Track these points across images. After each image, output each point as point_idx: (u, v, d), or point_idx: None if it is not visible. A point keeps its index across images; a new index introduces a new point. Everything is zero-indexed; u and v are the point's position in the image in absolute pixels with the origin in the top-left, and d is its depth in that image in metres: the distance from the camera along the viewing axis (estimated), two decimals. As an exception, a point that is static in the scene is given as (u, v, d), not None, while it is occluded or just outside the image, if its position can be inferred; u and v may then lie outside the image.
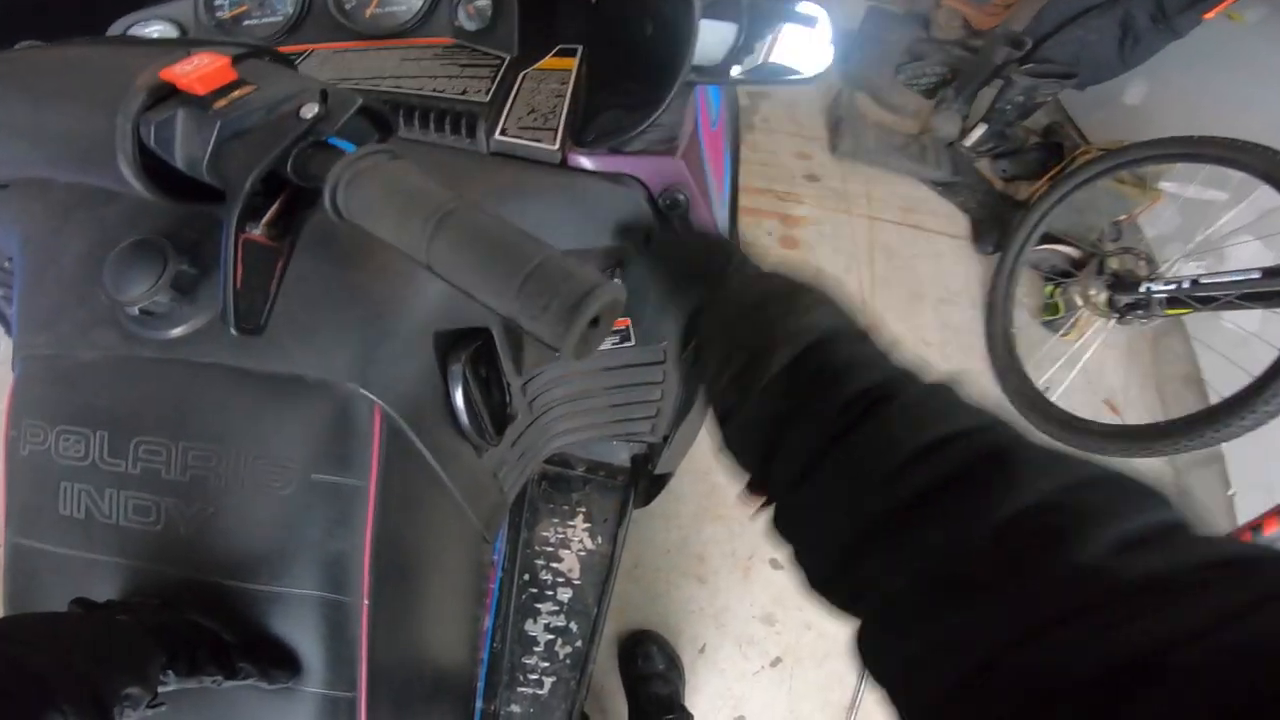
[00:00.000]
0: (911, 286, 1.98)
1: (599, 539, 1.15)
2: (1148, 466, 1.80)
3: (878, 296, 1.93)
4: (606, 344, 0.75)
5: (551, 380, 0.77)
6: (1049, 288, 1.97)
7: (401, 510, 0.56)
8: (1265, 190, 1.43)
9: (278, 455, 0.50)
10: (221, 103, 0.37)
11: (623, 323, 0.76)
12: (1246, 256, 1.65)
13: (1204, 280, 1.51)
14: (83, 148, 0.40)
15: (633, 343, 0.77)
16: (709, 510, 1.56)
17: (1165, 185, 1.87)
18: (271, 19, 0.81)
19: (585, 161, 0.65)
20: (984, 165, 2.31)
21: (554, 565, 1.16)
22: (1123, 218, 1.95)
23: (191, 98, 0.37)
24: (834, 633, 1.50)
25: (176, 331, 0.50)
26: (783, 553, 0.38)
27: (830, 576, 0.35)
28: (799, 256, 1.94)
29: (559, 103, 0.66)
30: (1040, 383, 1.77)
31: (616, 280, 0.33)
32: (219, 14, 0.80)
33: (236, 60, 0.39)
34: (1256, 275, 1.43)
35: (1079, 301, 1.80)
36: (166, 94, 0.38)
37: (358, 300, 0.53)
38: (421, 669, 0.68)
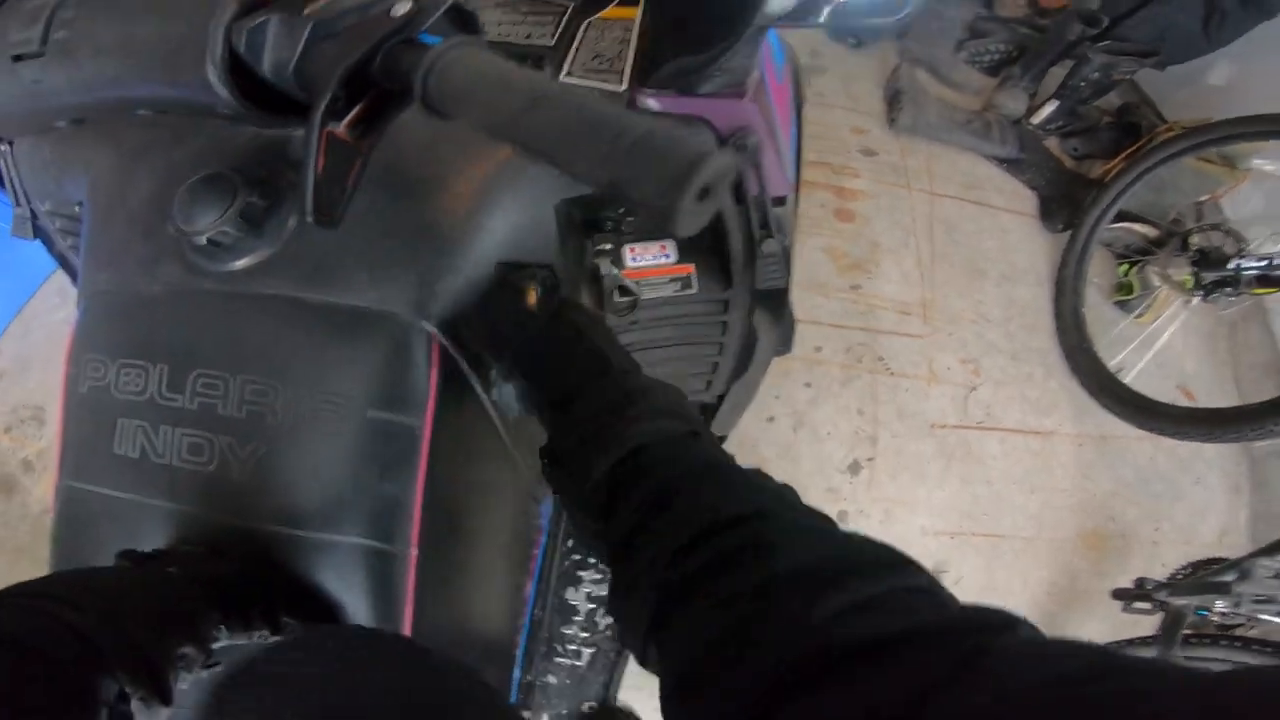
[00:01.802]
0: (974, 262, 1.95)
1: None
2: (1225, 452, 1.77)
3: (937, 270, 1.90)
4: (668, 290, 0.75)
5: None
6: (1124, 267, 1.92)
7: (455, 457, 0.57)
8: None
9: (335, 390, 0.51)
10: (314, 6, 0.39)
11: (686, 269, 0.76)
12: None
13: None
14: (172, 56, 0.42)
15: (695, 290, 0.76)
16: None
17: (1257, 162, 1.81)
18: None
19: (653, 103, 0.65)
20: (1053, 144, 2.26)
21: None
22: (1205, 197, 1.90)
23: (285, 3, 0.39)
24: None
25: (240, 264, 0.52)
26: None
27: (643, 652, 0.40)
28: (854, 229, 1.92)
29: (624, 48, 0.66)
30: (1112, 365, 1.73)
31: (729, 149, 0.33)
32: None
33: None
34: None
35: (1157, 281, 1.78)
36: (259, 2, 0.40)
37: (421, 233, 0.54)
38: (466, 629, 0.69)
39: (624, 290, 0.74)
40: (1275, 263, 1.53)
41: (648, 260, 0.75)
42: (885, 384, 1.71)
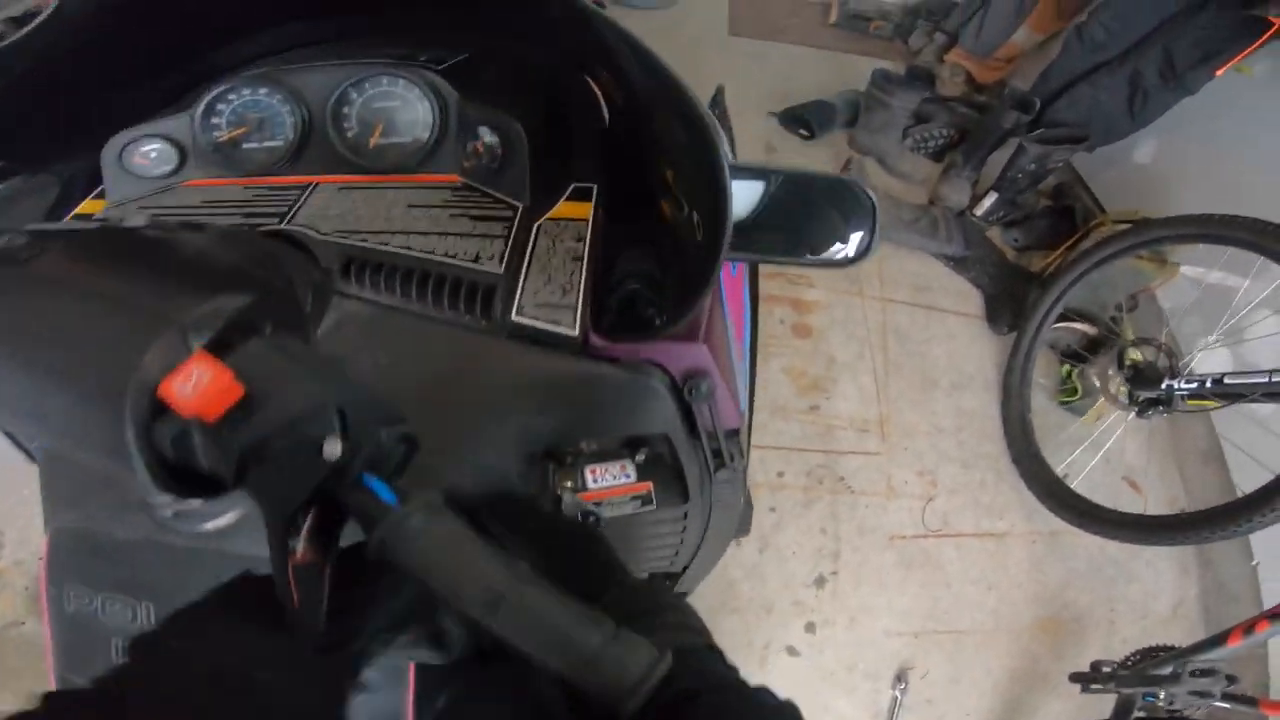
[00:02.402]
0: (925, 372, 2.05)
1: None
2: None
3: (892, 384, 2.00)
4: (629, 508, 0.77)
5: None
6: (1066, 368, 2.03)
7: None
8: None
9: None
10: (233, 430, 0.35)
11: (644, 486, 0.77)
12: (1272, 350, 1.69)
13: (1229, 380, 1.56)
14: (97, 445, 0.36)
15: (654, 506, 0.78)
16: (726, 604, 1.62)
17: (1186, 269, 1.93)
18: (272, 144, 0.82)
19: (606, 346, 0.66)
20: (995, 234, 2.38)
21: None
22: (1140, 291, 2.01)
23: (199, 423, 0.35)
24: (852, 715, 1.60)
25: (208, 526, 0.55)
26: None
27: None
28: (811, 345, 2.01)
29: (576, 267, 0.67)
30: (1060, 468, 1.82)
31: (667, 659, 0.35)
32: (217, 135, 0.81)
33: (235, 338, 0.37)
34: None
35: (1097, 386, 1.86)
36: (161, 415, 0.35)
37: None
38: None
39: (586, 513, 0.75)
40: (1207, 385, 1.60)
41: (608, 481, 0.75)
42: (846, 502, 1.79)
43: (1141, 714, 1.37)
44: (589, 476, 0.70)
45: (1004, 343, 2.09)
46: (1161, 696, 1.34)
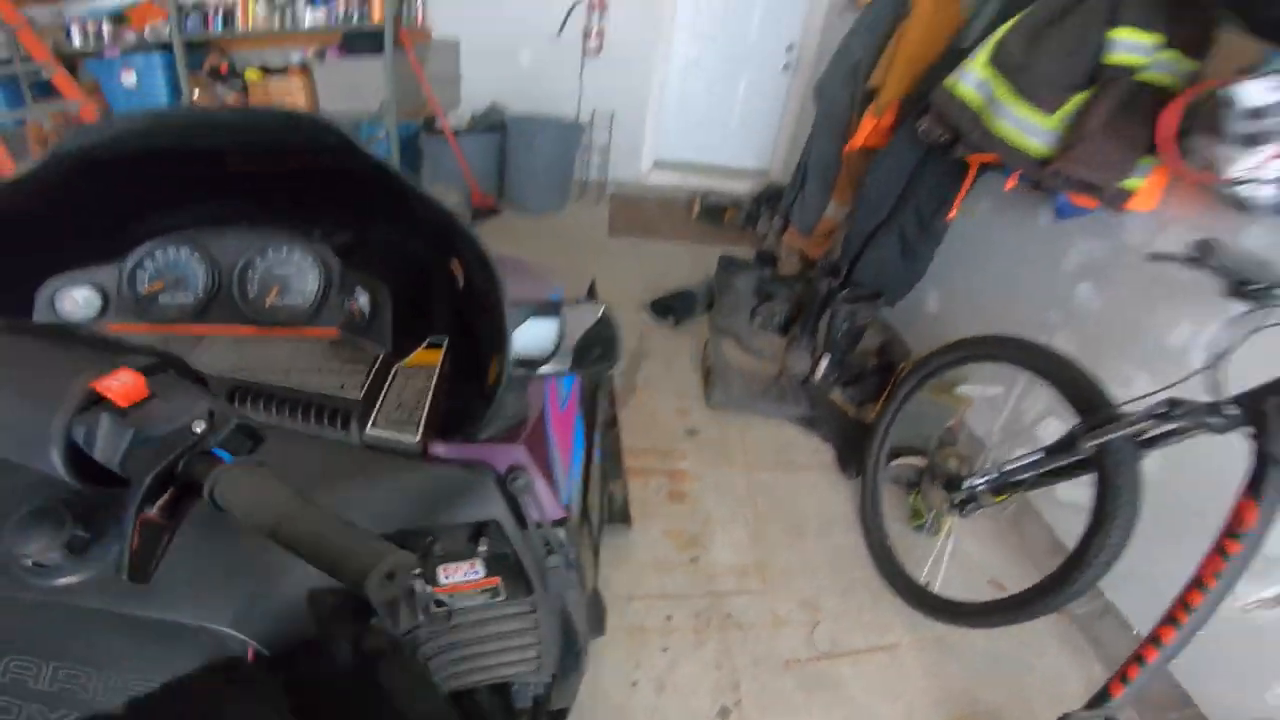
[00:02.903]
0: (794, 521, 2.31)
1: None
2: (1052, 624, 2.06)
3: (765, 533, 2.24)
4: (480, 600, 0.86)
5: (431, 633, 0.88)
6: (911, 497, 2.34)
7: None
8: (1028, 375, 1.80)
9: (145, 676, 0.58)
10: (135, 415, 0.50)
11: (493, 581, 0.86)
12: (1045, 435, 1.97)
13: (1007, 468, 1.84)
14: (21, 439, 0.50)
15: (503, 597, 0.87)
16: None
17: (961, 389, 2.29)
18: (183, 299, 0.95)
19: (442, 451, 0.79)
20: (838, 395, 2.77)
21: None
22: (950, 424, 2.39)
23: (113, 407, 0.49)
24: None
25: (63, 581, 0.60)
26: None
27: None
28: (687, 509, 2.27)
29: (423, 398, 0.80)
30: (922, 579, 2.05)
31: (398, 554, 0.50)
32: (140, 288, 0.93)
33: (149, 374, 0.52)
34: (1040, 455, 1.74)
35: (931, 505, 2.16)
36: (94, 400, 0.49)
37: (242, 563, 0.65)
38: None
39: (439, 603, 0.80)
40: (993, 477, 1.88)
41: (459, 577, 0.84)
42: (736, 637, 1.93)
43: None
44: (440, 574, 0.81)
45: (857, 485, 2.38)
46: None
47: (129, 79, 3.99)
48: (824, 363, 2.71)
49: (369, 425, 0.76)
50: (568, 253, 3.72)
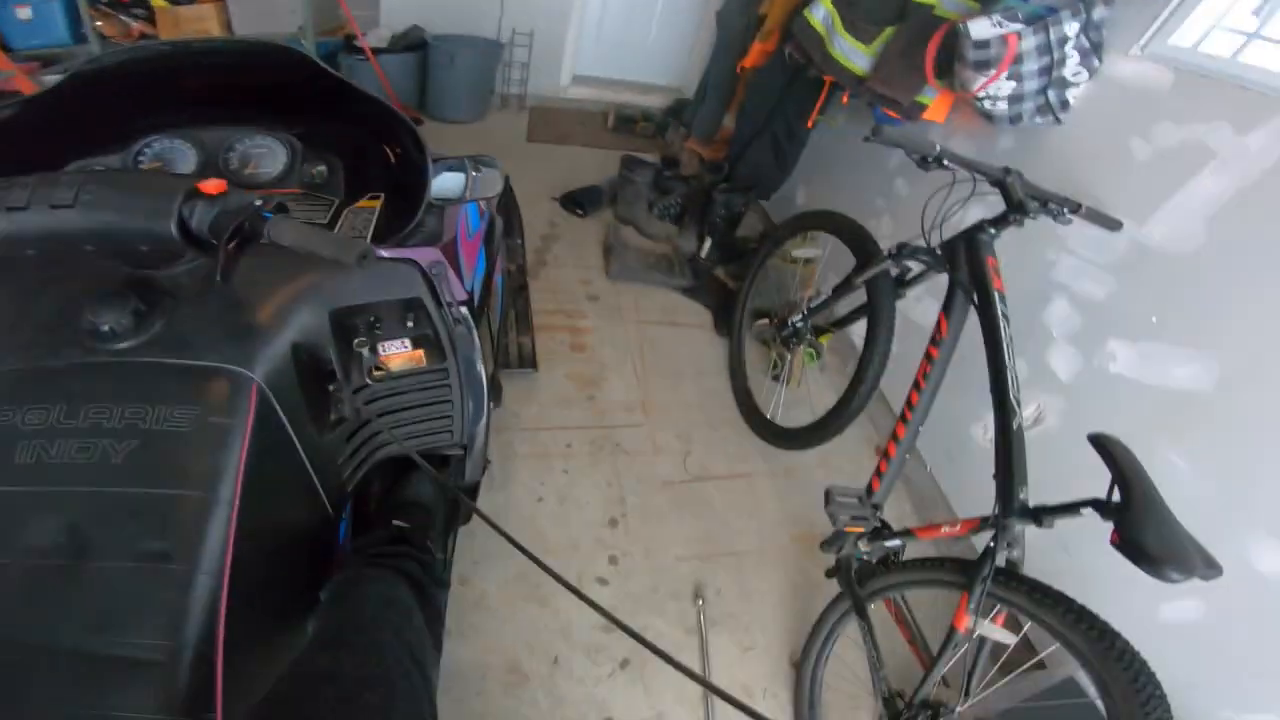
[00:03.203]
0: (675, 367, 2.73)
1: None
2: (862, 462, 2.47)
3: (649, 379, 2.63)
4: (409, 367, 1.11)
5: (371, 393, 1.10)
6: (771, 352, 2.78)
7: (265, 458, 0.79)
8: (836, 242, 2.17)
9: (191, 406, 0.74)
10: (220, 199, 0.73)
11: (418, 354, 1.12)
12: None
13: (813, 307, 2.26)
14: (149, 211, 0.69)
15: (425, 364, 1.12)
16: (539, 547, 1.93)
17: (796, 253, 2.67)
18: (182, 171, 1.19)
19: (383, 252, 1.02)
20: (720, 272, 3.16)
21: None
22: (805, 291, 2.80)
23: (207, 195, 0.73)
24: (669, 631, 1.82)
25: (124, 345, 0.76)
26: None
27: None
28: (586, 357, 2.65)
29: (367, 224, 1.10)
30: (769, 414, 2.46)
31: (365, 244, 0.71)
32: (142, 164, 1.17)
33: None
34: (829, 295, 2.12)
35: (777, 350, 2.58)
36: (194, 194, 0.71)
37: (250, 324, 0.84)
38: (272, 645, 0.85)
39: (378, 368, 1.09)
40: (804, 314, 2.26)
41: (394, 349, 1.09)
42: (624, 461, 2.28)
43: (856, 575, 1.58)
44: (380, 347, 1.07)
45: (729, 343, 2.79)
46: (860, 548, 1.60)
47: (24, 13, 3.66)
48: (707, 243, 3.10)
49: None
50: (489, 154, 3.82)
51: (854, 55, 2.39)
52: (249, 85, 1.20)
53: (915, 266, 1.85)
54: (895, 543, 1.59)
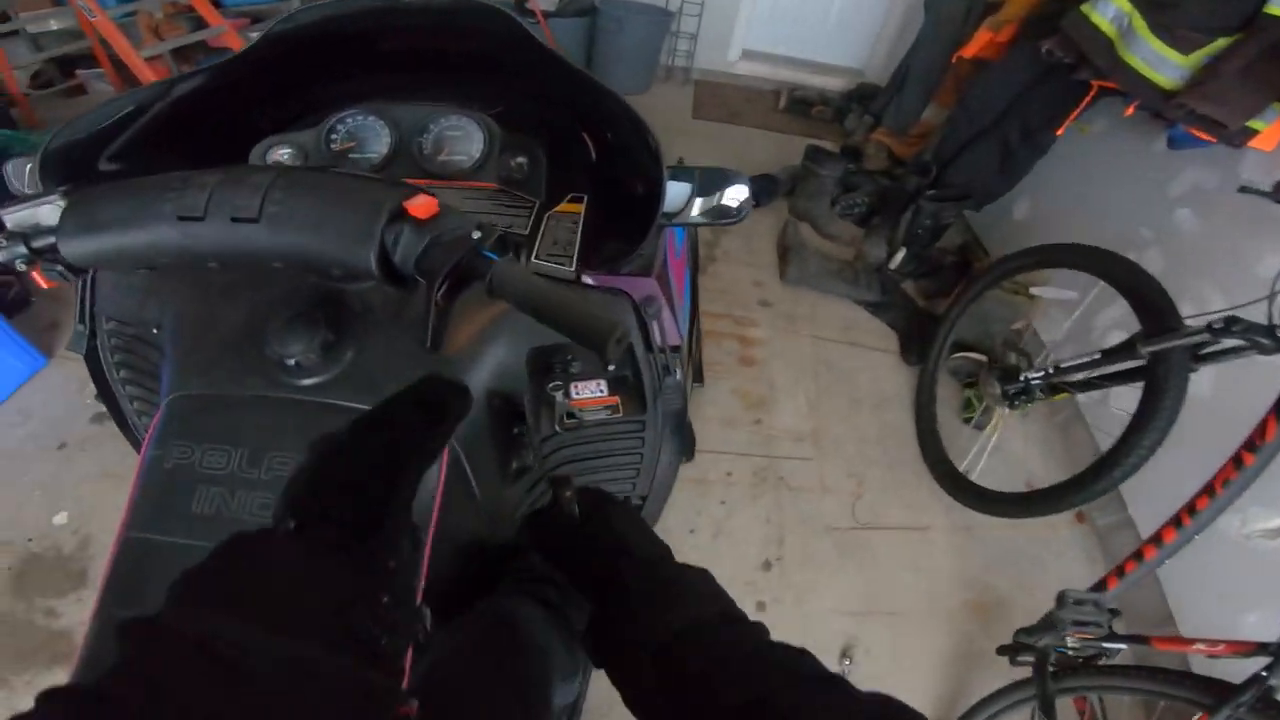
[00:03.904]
0: (851, 394, 2.43)
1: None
2: (1076, 534, 2.16)
3: (823, 404, 2.37)
4: (603, 415, 0.98)
5: (559, 442, 1.00)
6: (966, 392, 2.44)
7: (447, 519, 0.72)
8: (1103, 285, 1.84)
9: None
10: (430, 225, 0.59)
11: (614, 399, 0.98)
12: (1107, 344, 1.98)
13: (1064, 365, 1.91)
14: (345, 237, 0.59)
15: (621, 414, 0.99)
16: None
17: (1034, 290, 2.33)
18: (369, 156, 1.07)
19: (591, 280, 0.91)
20: (910, 285, 2.83)
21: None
22: (1023, 324, 2.44)
23: (414, 220, 0.59)
24: None
25: (309, 381, 0.68)
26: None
27: None
28: (755, 372, 2.40)
29: (573, 238, 0.93)
30: (962, 467, 2.17)
31: (621, 324, 0.59)
32: (333, 146, 1.06)
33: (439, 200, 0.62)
34: (1098, 357, 1.79)
35: (985, 397, 2.25)
36: (400, 215, 0.59)
37: (440, 363, 0.74)
38: None
39: (570, 415, 0.97)
40: (1050, 372, 1.95)
41: (588, 393, 0.97)
42: (787, 497, 2.09)
43: (1054, 667, 1.44)
44: (573, 389, 0.95)
45: (916, 372, 2.48)
46: (1068, 643, 1.45)
47: None
48: (901, 254, 2.75)
49: (533, 256, 0.89)
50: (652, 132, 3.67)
51: (1162, 65, 2.01)
52: (445, 53, 1.11)
53: (1229, 342, 1.46)
54: (1117, 646, 1.44)
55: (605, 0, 4.18)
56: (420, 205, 0.60)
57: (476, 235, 0.62)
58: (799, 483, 2.14)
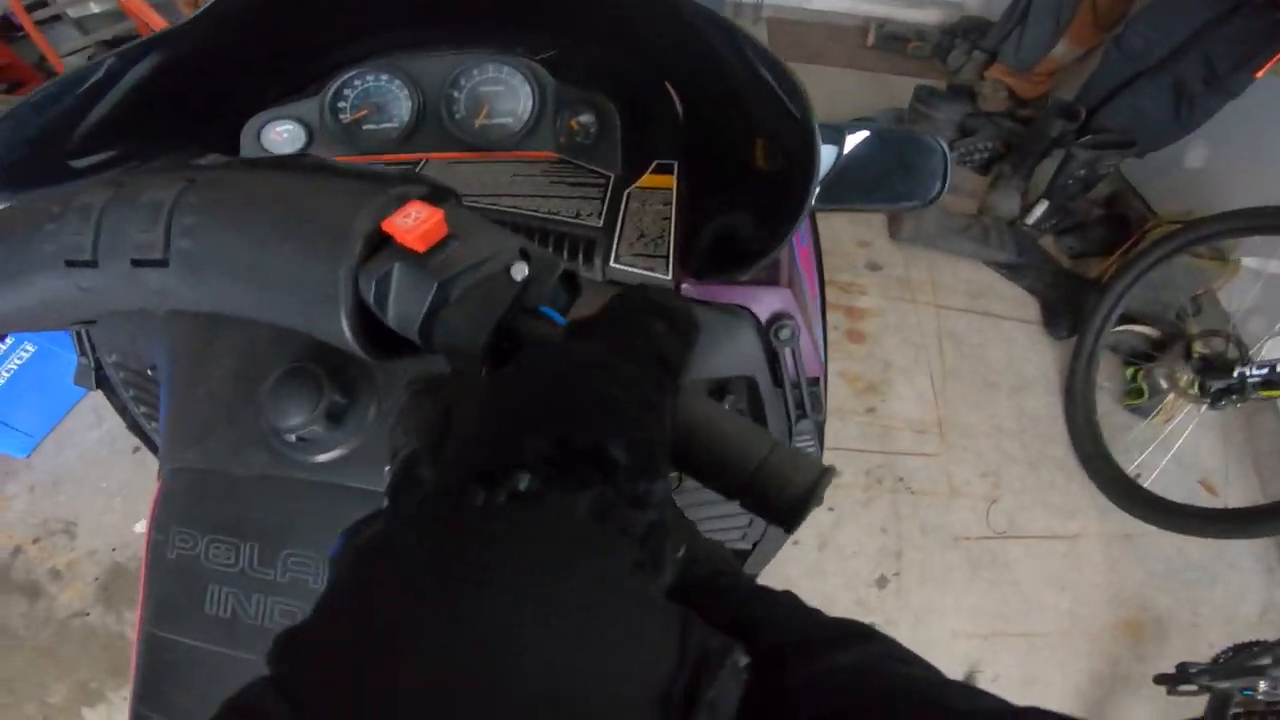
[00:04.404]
0: (984, 375, 2.07)
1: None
2: (1254, 544, 1.85)
3: (949, 387, 2.01)
4: None
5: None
6: (1130, 370, 2.03)
7: None
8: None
9: None
10: (437, 260, 0.38)
11: None
12: None
13: None
14: (307, 305, 0.40)
15: None
16: None
17: (1246, 260, 1.94)
18: (389, 125, 0.93)
19: (696, 291, 0.70)
20: (1049, 243, 2.41)
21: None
22: (1201, 292, 2.02)
23: (408, 253, 0.38)
24: None
25: (324, 457, 0.58)
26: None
27: None
28: (866, 350, 2.05)
29: (666, 225, 0.73)
30: (1131, 469, 1.82)
31: (832, 465, 0.35)
32: (342, 117, 0.92)
33: (446, 207, 0.41)
34: None
35: (1165, 385, 1.86)
36: (382, 243, 0.39)
37: None
38: None
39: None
40: (1278, 369, 1.62)
41: None
42: (907, 502, 1.80)
43: (1239, 709, 1.34)
44: None
45: (1064, 348, 2.10)
46: (1260, 688, 1.32)
47: None
48: (1040, 207, 2.34)
49: (612, 258, 0.68)
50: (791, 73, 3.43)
51: None
52: None
53: None
54: None
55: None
56: (413, 228, 0.38)
57: (521, 274, 0.40)
58: (921, 485, 1.84)
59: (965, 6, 4.23)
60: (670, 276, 0.67)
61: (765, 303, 0.72)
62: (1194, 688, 1.37)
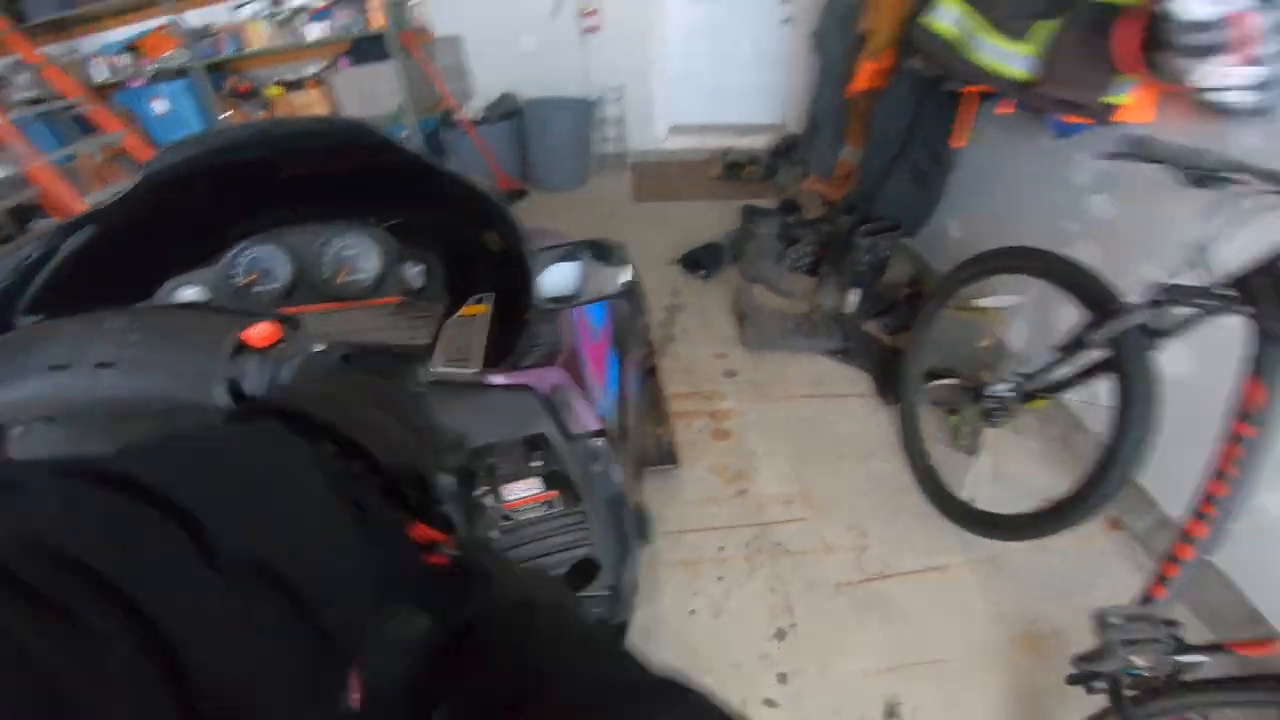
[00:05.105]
0: (836, 448, 2.35)
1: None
2: (1116, 543, 2.03)
3: (806, 464, 2.28)
4: (540, 512, 1.00)
5: (499, 548, 0.98)
6: (952, 418, 2.36)
7: None
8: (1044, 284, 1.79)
9: None
10: (273, 352, 0.60)
11: (551, 494, 1.00)
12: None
13: (1025, 372, 1.87)
14: (191, 378, 0.59)
15: (559, 508, 1.00)
16: (694, 666, 1.72)
17: (979, 303, 2.29)
18: (272, 286, 1.12)
19: (494, 379, 0.90)
20: (872, 326, 2.80)
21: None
22: (985, 341, 2.41)
23: (256, 350, 0.60)
24: None
25: None
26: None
27: None
28: (731, 445, 2.34)
29: (479, 340, 0.93)
30: (966, 494, 2.07)
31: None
32: (235, 282, 1.11)
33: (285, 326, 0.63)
34: (1057, 356, 1.75)
35: (967, 421, 2.19)
36: (241, 346, 0.60)
37: None
38: None
39: (506, 517, 0.98)
40: (1015, 383, 1.90)
41: (520, 493, 0.98)
42: (786, 563, 1.98)
43: (1133, 691, 1.31)
44: (504, 492, 0.96)
45: (897, 411, 2.38)
46: (1138, 664, 1.32)
47: (160, 106, 4.12)
48: (853, 295, 2.75)
49: (432, 364, 0.89)
50: (596, 222, 3.84)
51: (1010, 58, 2.08)
52: (340, 176, 1.13)
53: (1176, 312, 1.43)
54: (1194, 659, 1.29)
55: (528, 100, 4.36)
56: (257, 335, 0.61)
57: (317, 348, 0.62)
58: (797, 546, 2.04)
59: (787, 127, 4.89)
60: (475, 372, 0.89)
61: (544, 379, 0.95)
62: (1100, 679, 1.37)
